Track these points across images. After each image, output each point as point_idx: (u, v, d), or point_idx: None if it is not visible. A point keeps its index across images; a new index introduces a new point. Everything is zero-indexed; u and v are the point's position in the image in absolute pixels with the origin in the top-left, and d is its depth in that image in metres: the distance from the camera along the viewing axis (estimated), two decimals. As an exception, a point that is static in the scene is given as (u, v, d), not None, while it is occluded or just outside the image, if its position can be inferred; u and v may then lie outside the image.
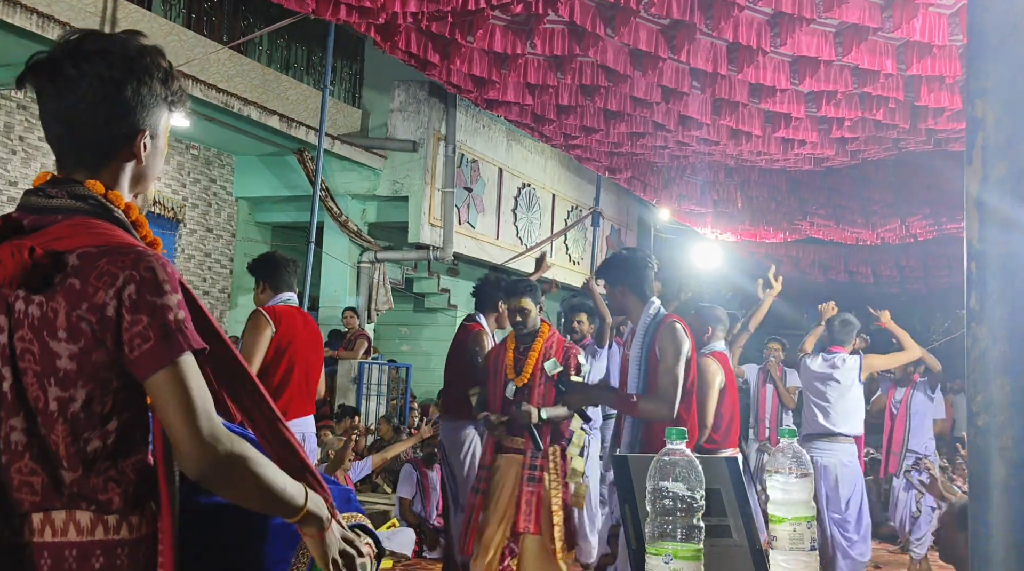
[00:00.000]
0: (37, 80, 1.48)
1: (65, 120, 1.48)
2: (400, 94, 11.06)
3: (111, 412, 1.39)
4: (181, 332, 1.37)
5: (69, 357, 1.36)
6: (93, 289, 1.36)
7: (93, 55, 1.46)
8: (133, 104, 1.49)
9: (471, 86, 6.17)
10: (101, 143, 1.49)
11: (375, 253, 11.25)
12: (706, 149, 7.27)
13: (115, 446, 1.40)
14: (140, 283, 1.36)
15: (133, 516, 1.41)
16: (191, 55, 8.62)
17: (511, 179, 12.73)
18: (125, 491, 1.40)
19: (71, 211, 1.44)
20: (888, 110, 5.92)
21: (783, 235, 10.67)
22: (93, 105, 1.46)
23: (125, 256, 1.37)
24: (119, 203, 1.49)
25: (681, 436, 1.41)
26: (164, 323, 1.36)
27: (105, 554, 1.39)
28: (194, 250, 11.14)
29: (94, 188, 1.47)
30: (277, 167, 11.17)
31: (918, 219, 9.59)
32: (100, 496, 1.39)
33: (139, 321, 1.35)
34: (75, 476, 1.38)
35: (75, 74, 1.45)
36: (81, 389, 1.37)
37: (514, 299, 4.85)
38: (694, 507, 1.37)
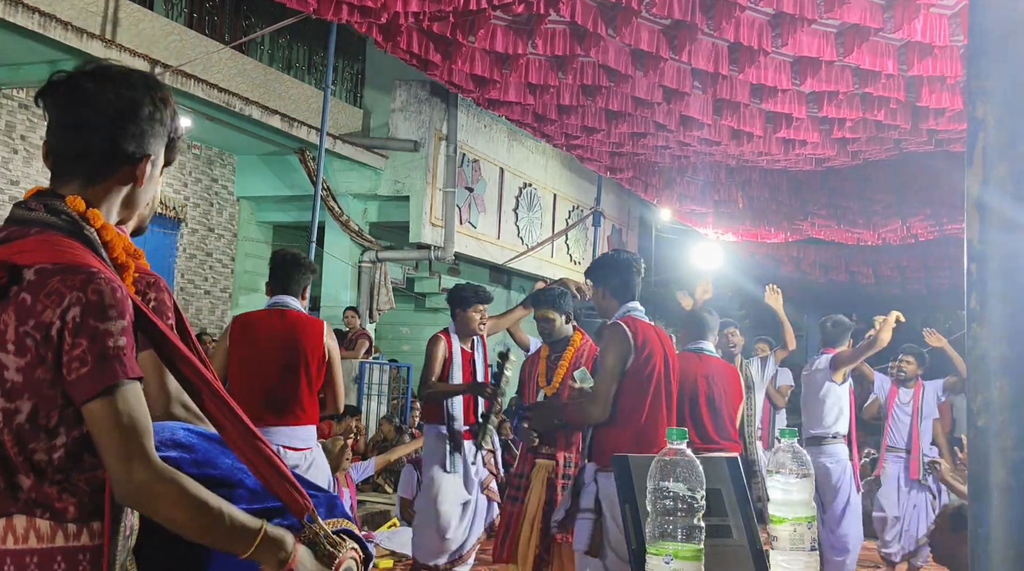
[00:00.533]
0: (54, 94, 1.50)
1: (75, 130, 1.49)
2: (401, 94, 11.07)
3: (56, 427, 1.39)
4: (119, 359, 1.37)
5: (16, 369, 1.37)
6: (41, 307, 1.36)
7: (115, 75, 1.51)
8: (146, 127, 1.52)
9: (472, 86, 6.18)
10: (105, 157, 1.50)
11: (376, 253, 11.26)
12: (707, 149, 7.28)
13: (64, 461, 1.39)
14: (85, 306, 1.36)
15: (94, 522, 1.41)
16: (193, 55, 8.63)
17: (512, 179, 12.73)
18: (80, 501, 1.40)
19: (45, 225, 1.45)
20: (889, 110, 5.92)
21: (784, 235, 10.68)
22: (109, 119, 1.49)
23: (76, 276, 1.38)
24: (95, 222, 1.49)
25: (682, 436, 1.41)
26: (103, 349, 1.36)
27: (66, 560, 1.39)
28: (195, 249, 11.14)
29: (72, 204, 1.48)
30: (278, 167, 11.18)
31: (919, 219, 9.60)
32: (56, 504, 1.39)
33: (79, 345, 1.35)
34: (30, 483, 1.38)
35: (94, 89, 1.49)
36: (26, 401, 1.37)
37: (539, 309, 4.88)
38: (695, 507, 1.37)
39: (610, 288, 3.91)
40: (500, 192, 12.46)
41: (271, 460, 1.52)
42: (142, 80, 1.54)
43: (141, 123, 1.52)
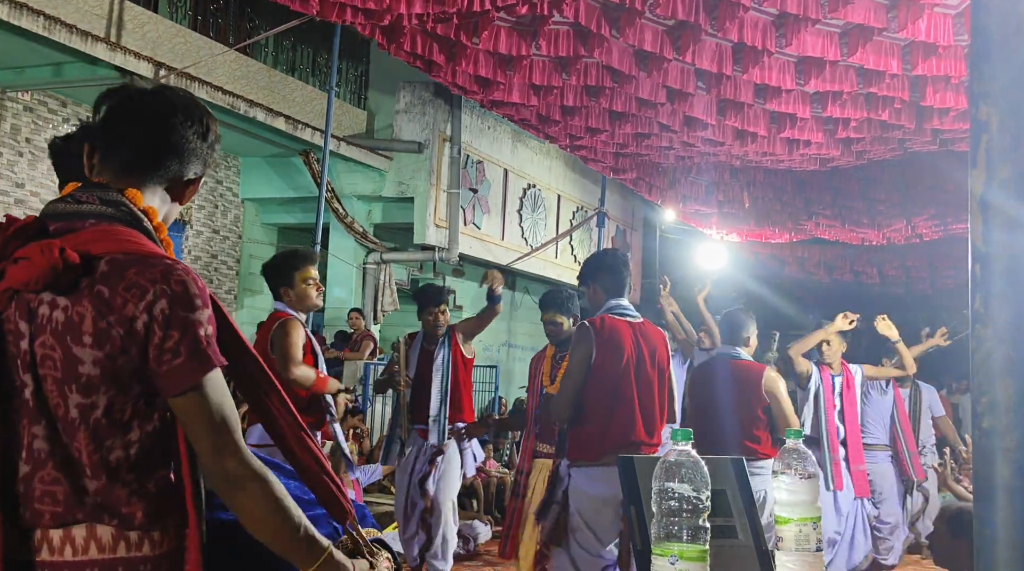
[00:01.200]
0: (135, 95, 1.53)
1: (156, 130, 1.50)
2: (405, 95, 11.08)
3: (131, 420, 1.38)
4: (212, 348, 1.38)
5: (93, 362, 1.34)
6: (122, 300, 1.35)
7: (196, 102, 1.57)
8: (208, 155, 1.58)
9: (476, 87, 6.18)
10: (169, 170, 1.52)
11: (381, 254, 11.27)
12: (711, 150, 7.27)
13: (137, 458, 1.38)
14: (172, 298, 1.36)
15: (155, 532, 1.39)
16: (197, 57, 8.65)
17: (516, 180, 12.74)
18: (148, 506, 1.38)
19: (100, 217, 1.43)
20: (894, 110, 5.91)
21: (788, 235, 10.66)
22: (188, 137, 1.52)
23: (154, 268, 1.37)
24: (152, 217, 1.50)
25: (686, 436, 1.41)
26: (195, 339, 1.36)
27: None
28: (200, 252, 11.17)
29: (134, 198, 1.47)
30: (283, 169, 11.20)
31: (924, 219, 9.58)
32: (123, 509, 1.36)
33: (171, 337, 1.35)
34: (99, 485, 1.36)
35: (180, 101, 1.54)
36: (103, 395, 1.35)
37: (547, 312, 5.00)
38: (700, 508, 1.37)
39: (600, 286, 4.03)
40: (504, 193, 12.47)
41: (320, 462, 1.54)
42: (207, 112, 1.59)
43: (203, 150, 1.56)
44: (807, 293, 16.09)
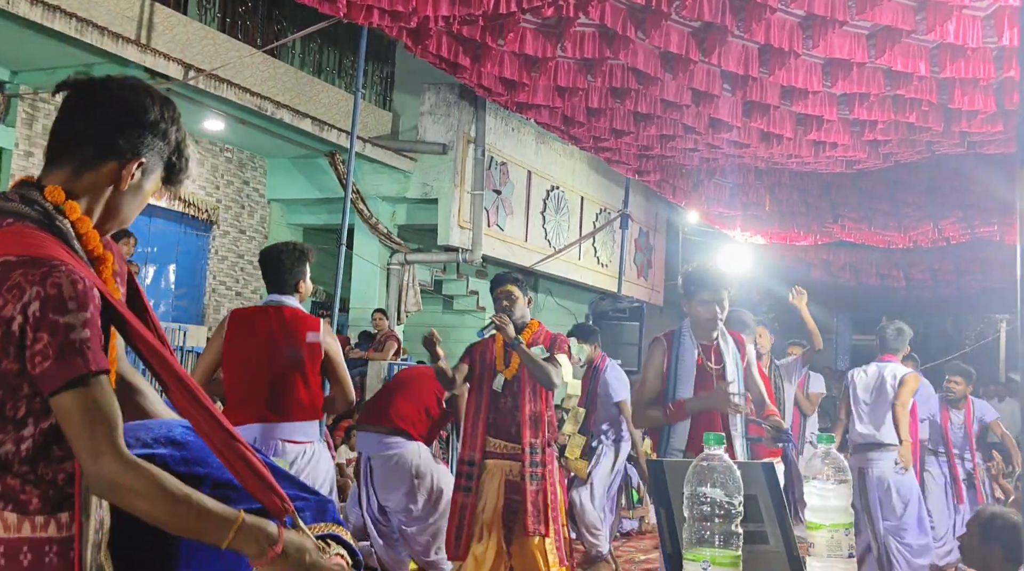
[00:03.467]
0: (77, 85, 1.56)
1: (80, 115, 1.54)
2: (430, 97, 11.11)
3: (25, 418, 1.39)
4: (81, 352, 1.36)
5: None
6: (3, 301, 1.37)
7: (138, 84, 1.57)
8: (146, 131, 1.55)
9: (501, 89, 6.19)
10: (99, 147, 1.53)
11: (405, 255, 11.31)
12: (736, 151, 7.24)
13: (32, 452, 1.40)
14: (44, 300, 1.36)
15: (62, 514, 1.41)
16: (226, 59, 8.72)
17: (540, 181, 12.74)
18: (44, 493, 1.40)
19: (18, 216, 1.46)
20: (921, 113, 5.87)
21: (813, 238, 10.60)
22: (113, 112, 1.53)
23: (37, 269, 1.37)
24: (71, 213, 1.50)
25: (719, 441, 1.42)
26: (64, 342, 1.36)
27: (32, 551, 1.39)
28: (227, 252, 11.25)
29: (51, 195, 1.49)
30: (309, 169, 11.26)
31: (951, 222, 9.49)
32: (20, 496, 1.39)
33: (40, 339, 1.35)
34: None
35: (114, 87, 1.55)
36: None
37: (500, 285, 4.72)
38: (732, 513, 1.37)
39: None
40: (528, 195, 12.47)
41: (246, 458, 1.51)
42: (161, 98, 1.59)
43: (142, 126, 1.55)
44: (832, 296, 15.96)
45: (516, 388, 4.55)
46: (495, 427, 4.56)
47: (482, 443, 4.56)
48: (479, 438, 4.57)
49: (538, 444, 4.47)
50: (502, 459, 4.52)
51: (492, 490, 4.48)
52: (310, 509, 1.63)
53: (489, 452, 4.55)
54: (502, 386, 4.57)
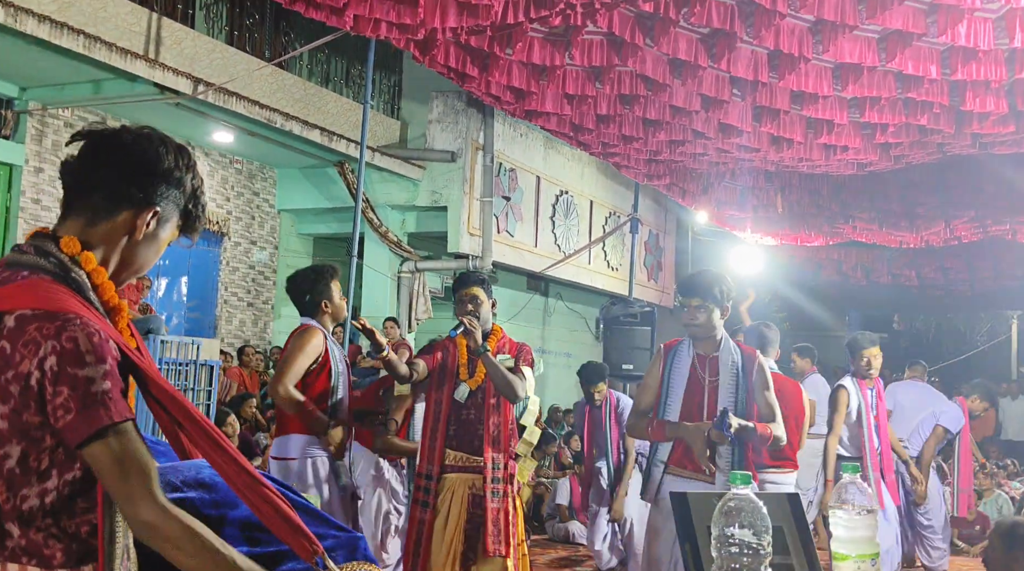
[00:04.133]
0: (91, 135, 1.56)
1: (93, 166, 1.53)
2: (438, 105, 11.12)
3: (48, 470, 1.40)
4: (103, 404, 1.37)
5: (0, 416, 1.38)
6: (20, 356, 1.37)
7: (154, 135, 1.57)
8: (160, 180, 1.55)
9: (510, 98, 6.19)
10: (112, 197, 1.53)
11: (415, 263, 11.31)
12: (746, 156, 7.23)
13: (56, 504, 1.40)
14: (60, 354, 1.36)
15: (85, 567, 1.41)
16: (234, 72, 8.74)
17: (549, 187, 12.74)
18: (69, 547, 1.40)
19: (34, 269, 1.47)
20: (932, 115, 5.85)
21: (824, 238, 10.57)
22: (126, 162, 1.53)
23: (52, 323, 1.38)
24: (87, 264, 1.51)
25: (746, 481, 1.40)
26: (85, 394, 1.36)
27: None
28: (239, 263, 11.28)
29: (67, 247, 1.50)
30: (318, 179, 11.28)
31: (963, 221, 9.46)
32: (44, 551, 1.39)
33: (60, 392, 1.36)
34: (19, 530, 1.39)
35: (130, 139, 1.55)
36: (15, 446, 1.38)
37: (465, 287, 4.47)
38: (761, 554, 1.36)
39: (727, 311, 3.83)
40: (537, 200, 12.47)
41: (271, 501, 1.50)
42: (176, 146, 1.58)
43: (156, 175, 1.55)
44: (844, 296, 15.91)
45: (480, 400, 4.31)
46: (456, 439, 4.30)
47: (440, 456, 4.29)
48: (438, 451, 4.30)
49: (500, 459, 4.27)
50: (463, 472, 4.28)
51: (456, 504, 4.26)
52: (341, 547, 1.62)
53: (448, 466, 4.29)
54: (465, 397, 4.31)
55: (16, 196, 8.54)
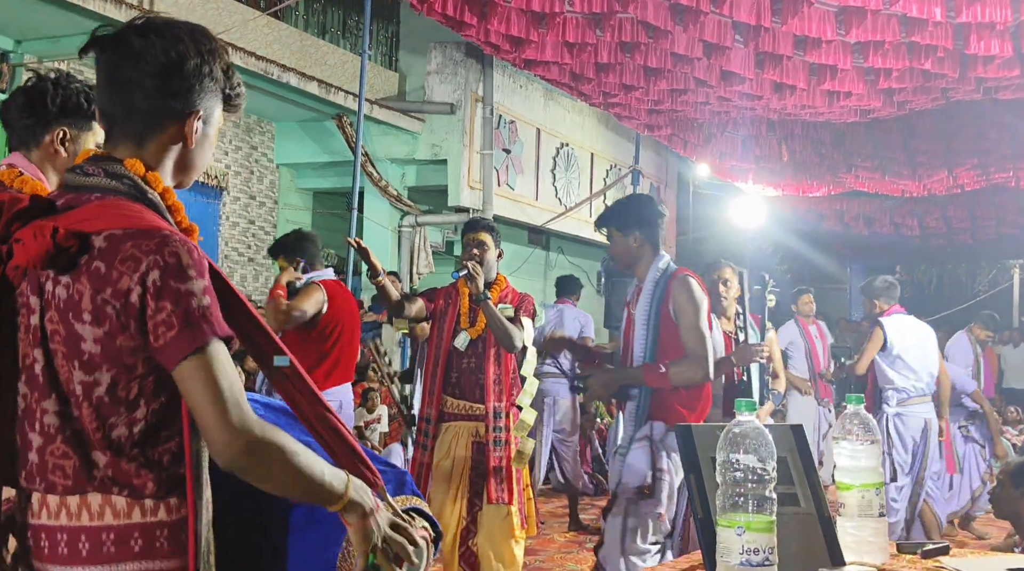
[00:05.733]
0: (101, 49, 1.47)
1: (121, 88, 1.46)
2: (437, 56, 11.00)
3: (137, 399, 1.37)
4: (205, 319, 1.35)
5: (93, 341, 1.35)
6: (117, 274, 1.34)
7: (160, 28, 1.47)
8: (192, 82, 1.47)
9: (509, 46, 6.12)
10: (153, 115, 1.47)
11: (415, 217, 11.28)
12: (748, 104, 7.16)
13: (143, 434, 1.38)
14: (164, 269, 1.33)
15: (171, 498, 1.40)
16: (229, 23, 8.64)
17: (549, 139, 12.65)
18: (159, 476, 1.38)
19: (106, 190, 1.43)
20: (936, 59, 5.77)
21: (827, 189, 10.52)
22: (152, 75, 1.45)
23: (150, 240, 1.35)
24: (156, 186, 1.47)
25: (751, 408, 1.40)
26: (188, 310, 1.33)
27: (144, 536, 1.38)
28: (238, 218, 11.25)
29: (133, 168, 1.45)
30: (316, 133, 11.21)
31: (966, 169, 9.40)
32: (134, 481, 1.37)
33: (163, 308, 1.33)
34: (107, 460, 1.37)
35: (141, 44, 1.45)
36: (105, 373, 1.36)
37: (473, 232, 4.45)
38: (766, 479, 1.36)
39: (646, 235, 3.63)
40: (537, 153, 12.39)
41: (340, 432, 1.50)
42: (189, 33, 1.49)
43: (188, 78, 1.47)
44: (846, 246, 15.89)
45: (481, 349, 4.31)
46: (457, 388, 4.33)
47: (438, 401, 4.32)
48: (436, 396, 4.33)
49: (502, 408, 4.27)
50: (466, 420, 4.31)
51: (460, 450, 4.29)
52: (391, 481, 1.63)
53: (449, 413, 4.33)
54: (465, 345, 4.32)
55: (13, 151, 8.50)
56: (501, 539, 4.25)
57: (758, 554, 1.37)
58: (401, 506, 1.58)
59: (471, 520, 4.30)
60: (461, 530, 4.30)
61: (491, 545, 4.25)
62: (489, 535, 4.25)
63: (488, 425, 4.25)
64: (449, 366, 4.35)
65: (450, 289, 4.47)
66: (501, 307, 4.31)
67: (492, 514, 4.26)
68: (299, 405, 1.49)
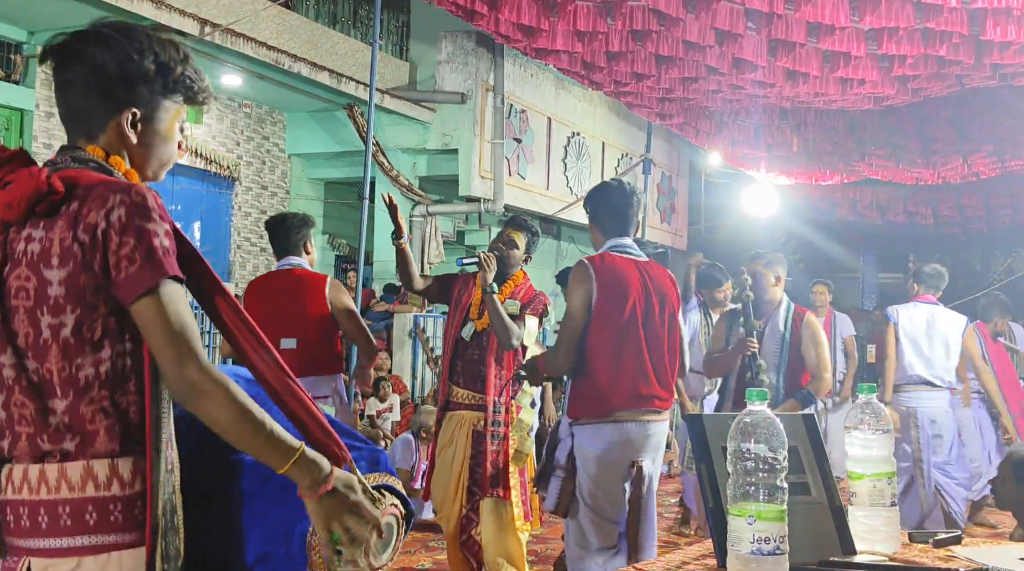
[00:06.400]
0: (50, 58, 1.56)
1: (63, 90, 1.55)
2: (447, 45, 10.97)
3: (101, 339, 1.42)
4: (166, 257, 1.41)
5: (59, 283, 1.41)
6: (87, 210, 1.41)
7: (94, 35, 1.53)
8: (116, 83, 1.53)
9: (520, 35, 6.10)
10: (90, 114, 1.54)
11: (427, 207, 11.28)
12: (761, 92, 7.11)
13: (109, 375, 1.43)
14: (129, 206, 1.40)
15: (123, 471, 1.42)
16: (240, 13, 8.64)
17: (560, 128, 12.62)
18: (112, 427, 1.42)
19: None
20: (952, 45, 5.72)
21: (840, 177, 10.46)
22: (82, 75, 1.52)
23: (119, 184, 1.44)
24: (119, 167, 1.54)
25: (762, 397, 1.40)
26: (150, 247, 1.40)
27: (97, 510, 1.41)
28: (250, 208, 11.28)
29: (94, 153, 1.53)
30: (327, 123, 11.21)
31: (981, 157, 9.32)
32: (87, 427, 1.41)
33: (126, 243, 1.40)
34: (66, 404, 1.41)
35: (77, 47, 1.53)
36: (70, 314, 1.41)
37: (510, 227, 4.46)
38: (777, 468, 1.36)
39: (598, 226, 3.65)
40: (548, 142, 12.36)
41: (307, 407, 1.53)
42: (125, 32, 1.54)
43: (114, 77, 1.52)
44: (859, 235, 15.80)
45: (485, 341, 4.30)
46: (462, 377, 4.34)
47: (445, 390, 4.38)
48: (443, 384, 4.41)
49: (501, 404, 4.26)
50: (469, 410, 4.32)
51: (462, 440, 4.30)
52: (364, 459, 1.66)
53: (454, 402, 4.35)
54: (471, 336, 4.32)
55: (28, 141, 8.53)
56: (501, 531, 4.25)
57: (769, 543, 1.36)
58: (372, 483, 1.59)
59: (472, 509, 4.30)
60: (462, 518, 4.31)
61: (492, 536, 4.25)
62: (489, 526, 4.25)
63: (487, 419, 4.26)
64: (456, 355, 4.37)
65: (468, 278, 4.46)
66: (508, 303, 4.29)
67: (491, 506, 4.26)
68: (265, 376, 1.53)
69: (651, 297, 3.47)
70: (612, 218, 3.62)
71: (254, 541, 1.61)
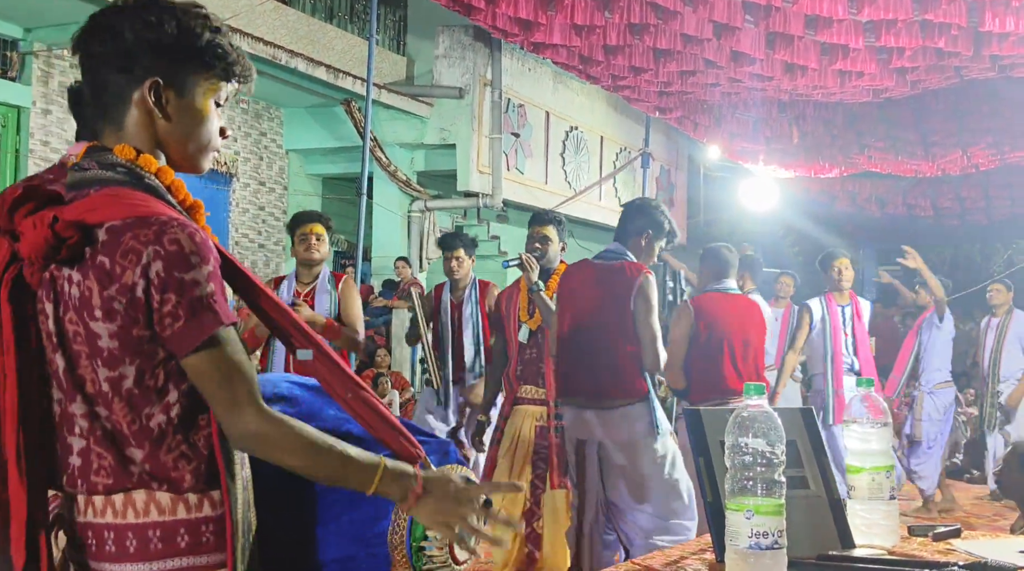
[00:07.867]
0: (79, 40, 1.45)
1: (90, 71, 1.44)
2: (444, 40, 10.95)
3: (165, 384, 1.36)
4: (211, 309, 1.33)
5: (109, 336, 1.33)
6: (120, 269, 1.31)
7: (115, 8, 1.43)
8: (136, 51, 1.40)
9: (517, 29, 6.08)
10: (113, 91, 1.43)
11: (425, 202, 11.26)
12: (759, 85, 7.10)
13: (181, 418, 1.37)
14: (165, 258, 1.31)
15: (213, 491, 1.39)
16: (237, 8, 8.62)
17: (558, 123, 12.60)
18: (196, 468, 1.37)
19: (103, 182, 1.39)
20: (950, 37, 5.70)
21: (839, 170, 10.44)
22: (103, 51, 1.41)
23: (149, 229, 1.31)
24: (150, 167, 1.42)
25: (759, 391, 1.39)
26: (192, 300, 1.32)
27: (190, 532, 1.37)
28: (248, 204, 11.26)
29: (122, 153, 1.41)
30: (325, 119, 11.18)
31: (980, 148, 9.30)
32: (172, 474, 1.36)
33: (168, 300, 1.31)
34: (144, 454, 1.35)
35: (100, 20, 1.43)
36: (129, 366, 1.34)
37: (537, 225, 4.54)
38: (775, 462, 1.35)
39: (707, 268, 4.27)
40: (546, 137, 12.34)
41: (374, 407, 1.50)
42: (146, 3, 1.42)
43: (130, 48, 1.40)
44: (858, 228, 15.78)
45: (540, 339, 4.44)
46: (524, 376, 4.50)
47: (512, 395, 4.53)
48: (509, 391, 4.57)
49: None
50: (532, 404, 4.44)
51: (525, 434, 4.40)
52: (434, 452, 1.61)
53: (521, 397, 4.49)
54: (527, 337, 4.47)
55: (25, 139, 8.51)
56: (559, 525, 4.30)
57: (767, 537, 1.35)
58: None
59: (535, 502, 4.39)
60: (525, 511, 4.39)
61: (551, 529, 4.33)
62: (550, 519, 4.33)
63: (550, 413, 4.35)
64: (518, 359, 4.51)
65: (511, 289, 4.64)
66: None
67: (553, 499, 4.33)
68: (332, 385, 1.49)
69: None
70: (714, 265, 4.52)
71: (329, 545, 1.57)
